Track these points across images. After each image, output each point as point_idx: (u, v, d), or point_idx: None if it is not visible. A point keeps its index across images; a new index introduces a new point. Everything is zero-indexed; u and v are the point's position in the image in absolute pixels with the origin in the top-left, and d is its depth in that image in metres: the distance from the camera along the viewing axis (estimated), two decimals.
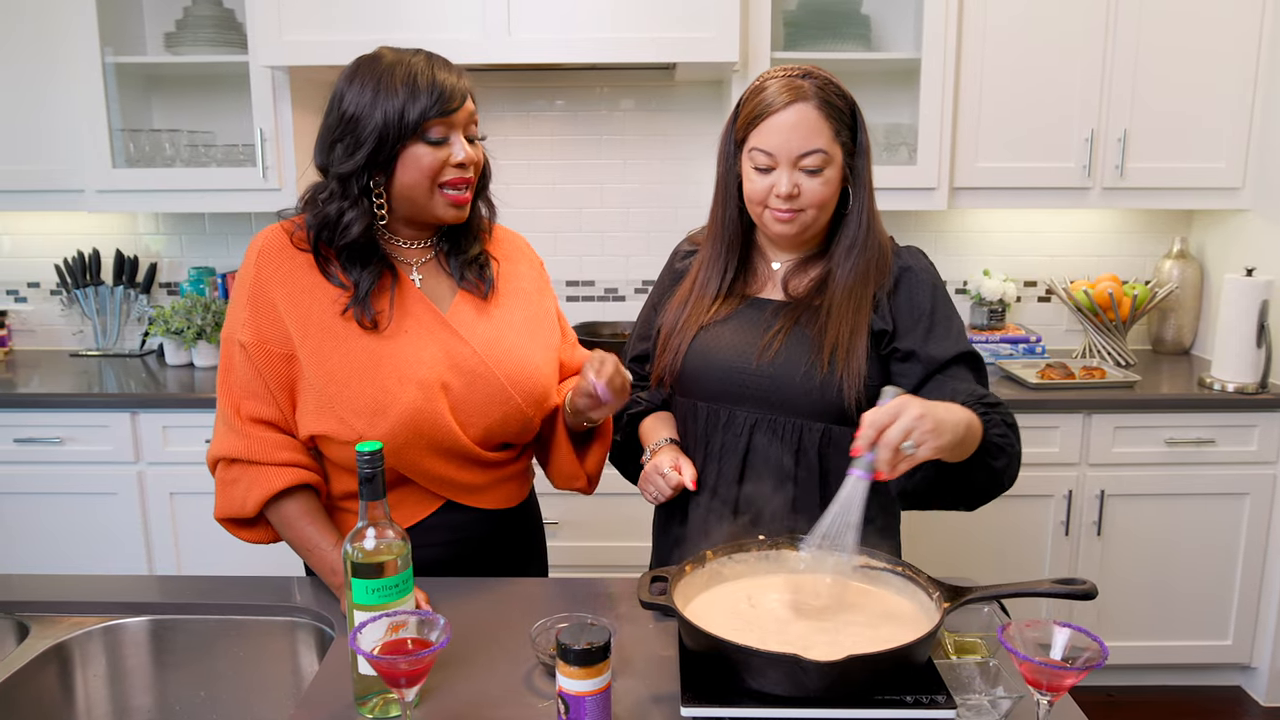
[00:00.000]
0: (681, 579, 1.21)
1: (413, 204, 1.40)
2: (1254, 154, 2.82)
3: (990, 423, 1.29)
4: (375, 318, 1.38)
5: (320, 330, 1.37)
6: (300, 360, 1.36)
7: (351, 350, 1.37)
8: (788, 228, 1.46)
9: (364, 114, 1.34)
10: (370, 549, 1.09)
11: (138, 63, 2.86)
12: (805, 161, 1.41)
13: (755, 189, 1.46)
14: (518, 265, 1.57)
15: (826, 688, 1.01)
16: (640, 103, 3.13)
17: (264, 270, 1.39)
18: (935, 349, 1.44)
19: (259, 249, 1.40)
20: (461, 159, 1.37)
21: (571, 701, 1.00)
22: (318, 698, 1.16)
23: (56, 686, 1.34)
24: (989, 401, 1.34)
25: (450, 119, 1.36)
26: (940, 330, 1.46)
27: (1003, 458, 1.32)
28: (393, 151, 1.35)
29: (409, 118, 1.33)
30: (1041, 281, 3.23)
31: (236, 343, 1.38)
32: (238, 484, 1.38)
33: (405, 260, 1.46)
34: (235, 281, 1.43)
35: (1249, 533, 2.74)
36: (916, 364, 1.44)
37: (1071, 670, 0.95)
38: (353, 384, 1.35)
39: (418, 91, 1.33)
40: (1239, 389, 2.68)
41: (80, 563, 2.74)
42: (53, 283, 3.22)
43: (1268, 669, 2.80)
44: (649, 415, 1.66)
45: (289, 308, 1.37)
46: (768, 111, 1.42)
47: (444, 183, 1.38)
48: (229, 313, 1.41)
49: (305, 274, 1.39)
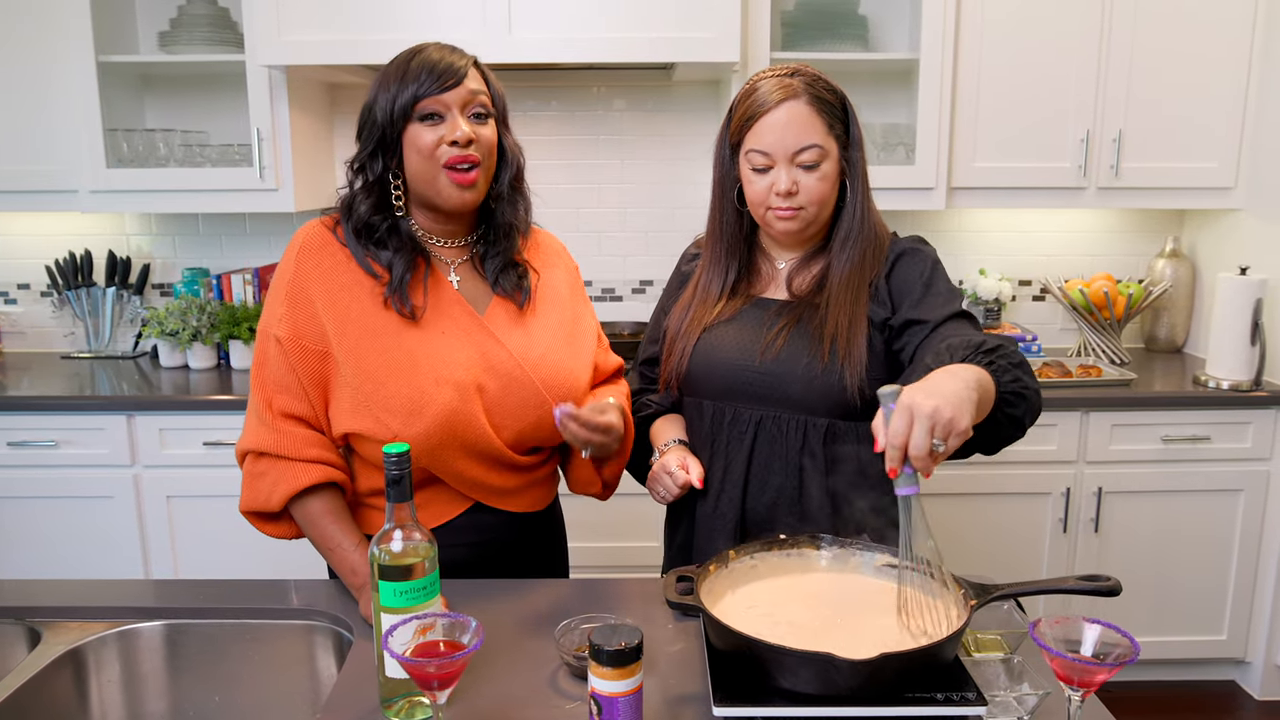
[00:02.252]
0: (706, 578, 1.21)
1: (421, 187, 1.40)
2: (1246, 154, 2.85)
3: (998, 370, 1.23)
4: (414, 310, 1.38)
5: (359, 328, 1.37)
6: (336, 358, 1.37)
7: (389, 349, 1.36)
8: (791, 224, 1.47)
9: (374, 104, 1.38)
10: (398, 551, 1.08)
11: (131, 62, 2.83)
12: (801, 157, 1.42)
13: (756, 191, 1.47)
14: (555, 272, 1.57)
15: (858, 686, 1.01)
16: (638, 103, 3.13)
17: (304, 265, 1.39)
18: (930, 313, 1.42)
19: (300, 244, 1.41)
20: (457, 136, 1.36)
21: (604, 703, 1.00)
22: (342, 702, 1.16)
23: (71, 692, 1.32)
24: (988, 347, 1.27)
25: (443, 97, 1.36)
26: (934, 298, 1.44)
27: (1021, 404, 1.26)
28: (397, 135, 1.37)
29: (402, 99, 1.35)
30: (1036, 281, 3.26)
31: (272, 337, 1.38)
32: (265, 478, 1.37)
33: (442, 259, 1.46)
34: (275, 275, 1.43)
35: (1243, 529, 2.76)
36: (916, 328, 1.43)
37: (1104, 666, 0.96)
38: (389, 383, 1.35)
39: (410, 74, 1.36)
40: (1233, 386, 2.71)
41: (76, 567, 2.71)
42: (43, 284, 3.19)
43: (1262, 663, 2.83)
44: (659, 417, 1.67)
45: (327, 304, 1.37)
46: (760, 112, 1.44)
47: (447, 164, 1.37)
48: (266, 306, 1.41)
49: (345, 270, 1.40)
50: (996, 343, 1.29)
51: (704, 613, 1.10)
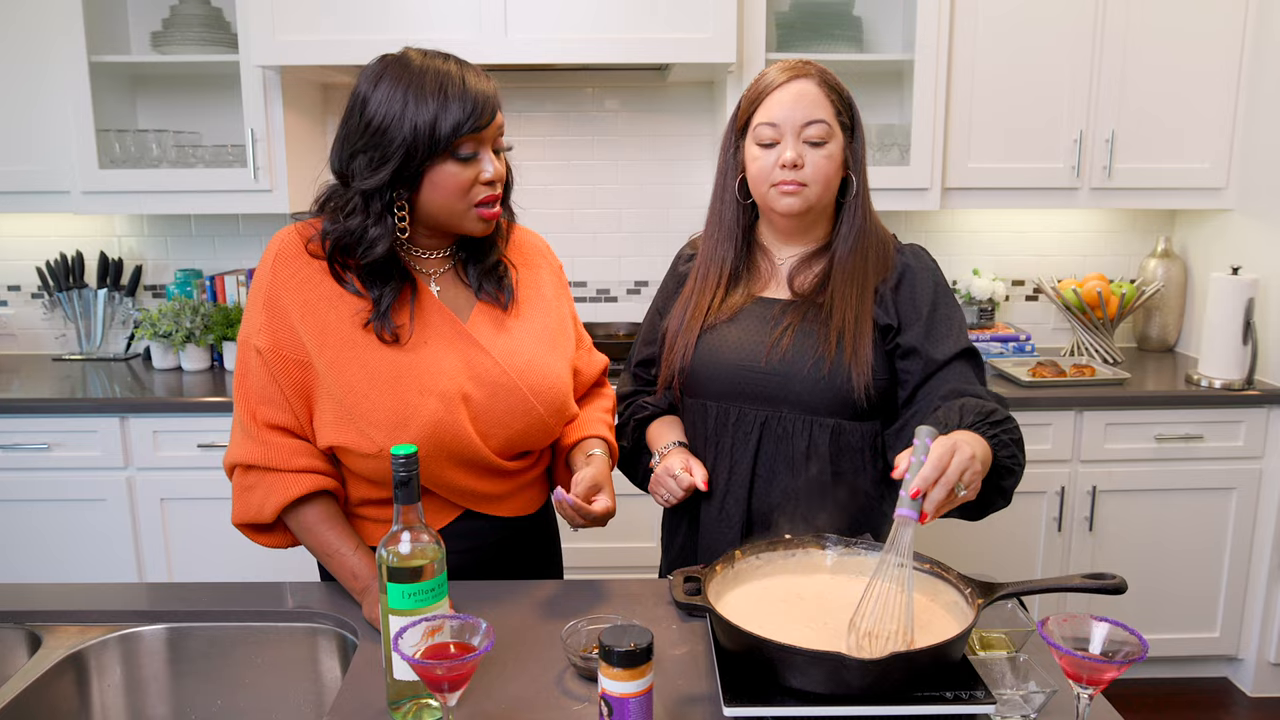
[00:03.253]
0: (713, 579, 1.21)
1: (440, 220, 1.35)
2: (1237, 155, 2.87)
3: (999, 444, 1.31)
4: (396, 332, 1.34)
5: (339, 341, 1.33)
6: (317, 369, 1.33)
7: (370, 362, 1.33)
8: (794, 201, 1.46)
9: (392, 125, 1.27)
10: (406, 553, 1.08)
11: (124, 62, 2.81)
12: (809, 131, 1.43)
13: (761, 167, 1.47)
14: (538, 271, 1.54)
15: (868, 685, 1.01)
16: (632, 104, 3.13)
17: (280, 275, 1.35)
18: (936, 349, 1.45)
19: (275, 253, 1.36)
20: (490, 176, 1.33)
21: (615, 704, 1.00)
22: (348, 704, 1.15)
23: (73, 696, 1.31)
24: (995, 419, 1.34)
25: (481, 135, 1.30)
26: (941, 328, 1.47)
27: (1011, 479, 1.35)
28: (420, 168, 1.29)
29: (440, 132, 1.26)
30: (1029, 281, 3.28)
31: (253, 347, 1.34)
32: (255, 490, 1.35)
33: (423, 270, 1.42)
34: (252, 283, 1.39)
35: (1236, 526, 2.79)
36: (918, 360, 1.46)
37: (1113, 664, 0.96)
38: (373, 396, 1.32)
39: (449, 103, 1.27)
40: (1226, 385, 2.73)
41: (69, 571, 2.69)
42: (34, 286, 3.17)
43: (1254, 660, 2.85)
44: (655, 420, 1.66)
45: (304, 315, 1.33)
46: (770, 88, 1.46)
47: (477, 201, 1.33)
48: (245, 316, 1.37)
49: (322, 281, 1.35)
50: (1003, 415, 1.37)
51: (712, 613, 1.10)
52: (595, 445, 1.51)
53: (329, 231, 1.34)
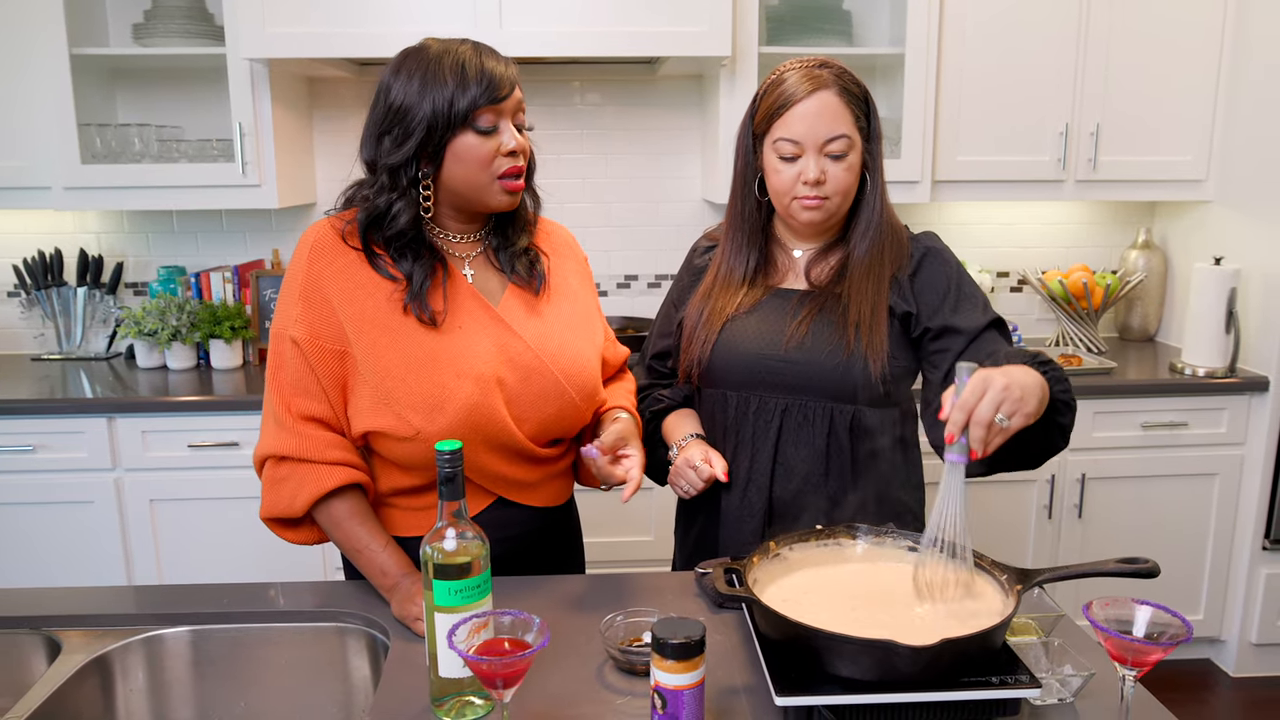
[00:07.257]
0: (750, 570, 1.21)
1: (466, 194, 1.38)
2: (1217, 148, 2.93)
3: (1054, 379, 1.29)
4: (433, 315, 1.36)
5: (375, 326, 1.34)
6: (354, 357, 1.34)
7: (406, 346, 1.34)
8: (815, 214, 1.48)
9: (412, 104, 1.32)
10: (451, 550, 1.07)
11: (104, 55, 2.74)
12: (831, 147, 1.44)
13: (782, 180, 1.47)
14: (566, 261, 1.56)
15: (918, 672, 1.02)
16: (621, 97, 3.13)
17: (317, 265, 1.36)
18: (966, 320, 1.47)
19: (311, 244, 1.37)
20: (513, 146, 1.35)
21: (669, 696, 1.00)
22: (388, 703, 1.14)
23: (98, 701, 1.29)
24: (1042, 359, 1.33)
25: (499, 107, 1.34)
26: (968, 303, 1.49)
27: (1069, 414, 1.33)
28: (442, 141, 1.33)
29: (458, 106, 1.31)
30: (1014, 272, 3.32)
31: (288, 339, 1.34)
32: (287, 482, 1.34)
33: (455, 254, 1.44)
34: (285, 278, 1.39)
35: (1218, 511, 2.85)
36: (954, 336, 1.47)
37: (1159, 646, 0.98)
38: (409, 379, 1.33)
39: (467, 80, 1.31)
40: (1209, 373, 2.79)
41: (57, 574, 2.64)
42: (10, 284, 3.09)
43: (1236, 642, 2.92)
44: (671, 412, 1.66)
45: (343, 303, 1.35)
46: (791, 101, 1.45)
47: (500, 173, 1.36)
48: (279, 309, 1.38)
49: (358, 270, 1.37)
50: (1047, 357, 1.35)
51: (758, 604, 1.11)
52: (621, 412, 1.53)
53: (361, 218, 1.37)
